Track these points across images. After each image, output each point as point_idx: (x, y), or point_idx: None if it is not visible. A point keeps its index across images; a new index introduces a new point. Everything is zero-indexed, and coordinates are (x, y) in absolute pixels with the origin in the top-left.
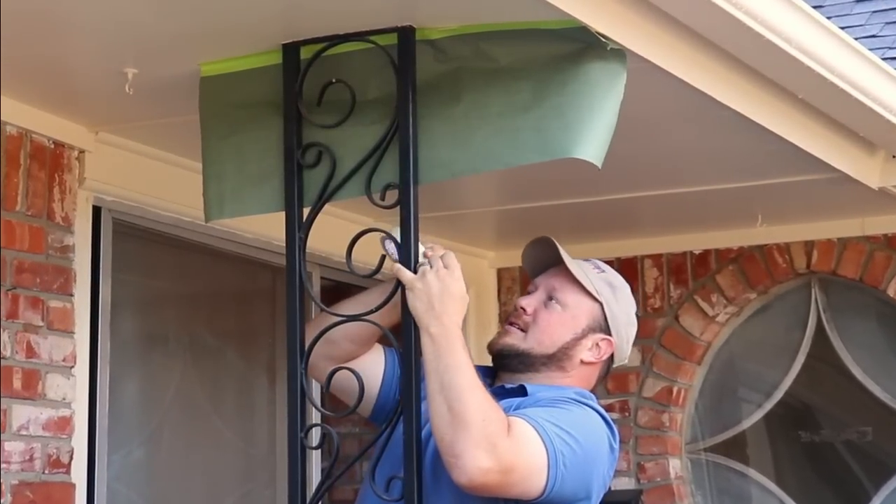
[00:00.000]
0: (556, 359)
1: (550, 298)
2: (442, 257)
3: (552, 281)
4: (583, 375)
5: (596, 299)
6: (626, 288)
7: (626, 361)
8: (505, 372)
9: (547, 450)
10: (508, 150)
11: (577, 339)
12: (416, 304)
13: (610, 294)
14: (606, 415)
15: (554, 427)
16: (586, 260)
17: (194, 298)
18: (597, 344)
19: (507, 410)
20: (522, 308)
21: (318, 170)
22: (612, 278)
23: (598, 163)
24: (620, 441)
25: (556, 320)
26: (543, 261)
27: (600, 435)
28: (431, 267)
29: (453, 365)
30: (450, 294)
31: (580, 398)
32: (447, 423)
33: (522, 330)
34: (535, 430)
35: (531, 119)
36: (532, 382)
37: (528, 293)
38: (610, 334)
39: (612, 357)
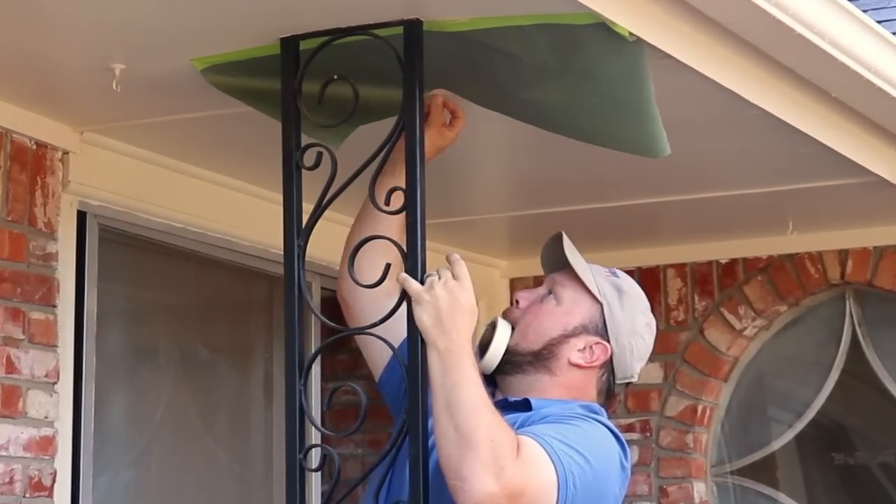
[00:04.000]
0: (542, 357)
1: (550, 292)
2: (451, 266)
3: (557, 276)
4: (574, 381)
5: (597, 300)
6: (640, 298)
7: (635, 379)
8: (497, 374)
9: (556, 471)
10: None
11: (566, 337)
12: (423, 318)
13: (615, 297)
14: (617, 430)
15: (563, 446)
16: (606, 267)
17: (186, 310)
18: (590, 347)
19: (511, 426)
20: (517, 301)
21: (318, 172)
22: (624, 284)
23: (662, 154)
24: (638, 461)
25: (545, 313)
26: (559, 260)
27: (611, 452)
28: (440, 278)
29: (461, 382)
30: (459, 307)
31: (588, 413)
32: (453, 444)
33: (512, 326)
34: (545, 449)
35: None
36: (525, 388)
37: (534, 288)
38: (607, 339)
39: (612, 370)
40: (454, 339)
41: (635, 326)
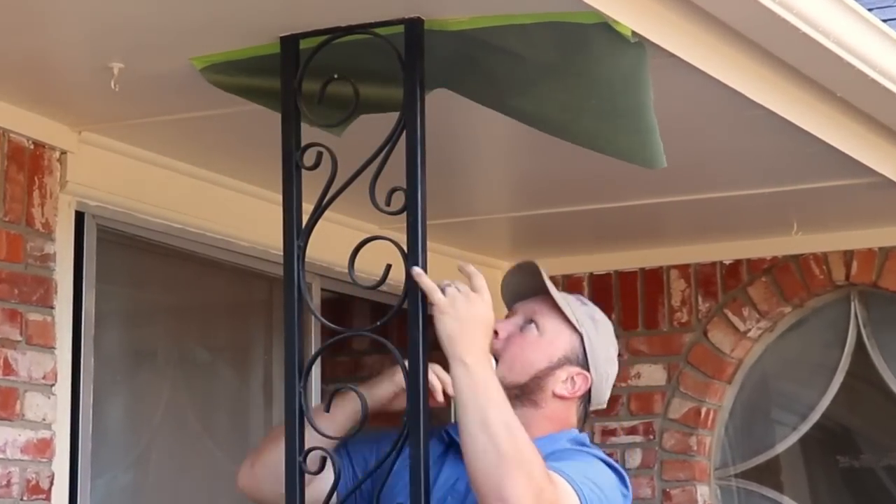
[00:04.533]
0: (529, 390)
1: (529, 322)
2: (470, 279)
3: (533, 306)
4: (557, 412)
5: (576, 330)
6: (609, 325)
7: (604, 406)
8: None
9: (579, 497)
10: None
11: (552, 369)
12: (447, 330)
13: (592, 327)
14: (610, 460)
15: (578, 475)
16: (571, 294)
17: (185, 311)
18: (572, 378)
19: None
20: (495, 332)
21: (318, 172)
22: (595, 313)
23: (657, 165)
24: (641, 464)
25: (530, 344)
26: (524, 289)
27: (612, 482)
28: (459, 290)
29: (495, 400)
30: (482, 321)
31: (579, 446)
32: (492, 464)
33: (493, 357)
34: (566, 479)
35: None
36: None
37: (507, 317)
38: (588, 369)
39: (589, 397)
40: (477, 354)
41: (609, 354)
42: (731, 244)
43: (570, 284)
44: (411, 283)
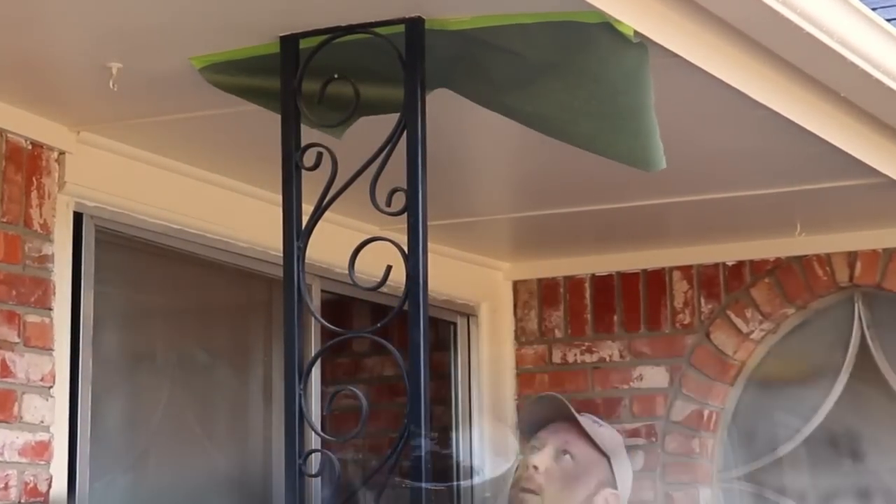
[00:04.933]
0: None
1: (564, 453)
2: None
3: (561, 436)
4: None
5: (604, 453)
6: (622, 440)
7: None
8: None
9: None
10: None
11: (591, 496)
12: None
13: (614, 448)
14: None
15: None
16: (581, 414)
17: (184, 313)
18: (606, 499)
19: None
20: (535, 467)
21: (318, 172)
22: (612, 432)
23: (657, 167)
24: (644, 466)
25: (569, 475)
26: (542, 418)
27: None
28: None
29: None
30: None
31: None
32: None
33: (536, 493)
34: None
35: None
36: None
37: (534, 449)
38: (616, 488)
39: None
40: None
41: (628, 469)
42: (734, 245)
43: (572, 286)
44: (411, 285)
